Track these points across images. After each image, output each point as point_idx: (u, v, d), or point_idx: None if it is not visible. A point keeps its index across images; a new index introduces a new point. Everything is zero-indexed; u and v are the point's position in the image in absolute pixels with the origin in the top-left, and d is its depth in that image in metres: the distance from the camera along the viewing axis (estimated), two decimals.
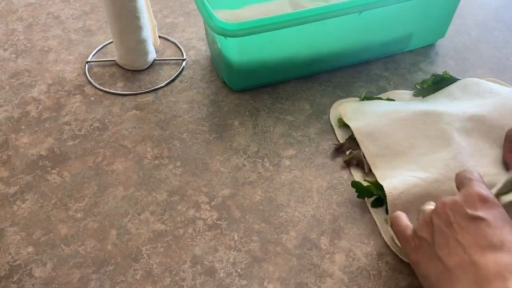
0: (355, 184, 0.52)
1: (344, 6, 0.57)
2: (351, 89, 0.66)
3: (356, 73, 0.69)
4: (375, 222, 0.51)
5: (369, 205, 0.52)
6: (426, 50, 0.72)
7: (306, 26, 0.58)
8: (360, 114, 0.59)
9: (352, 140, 0.58)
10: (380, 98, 0.63)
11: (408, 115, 0.57)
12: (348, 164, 0.56)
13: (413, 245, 0.41)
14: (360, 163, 0.55)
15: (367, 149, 0.55)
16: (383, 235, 0.49)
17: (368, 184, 0.52)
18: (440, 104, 0.60)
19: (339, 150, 0.58)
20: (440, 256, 0.37)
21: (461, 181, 0.41)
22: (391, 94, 0.64)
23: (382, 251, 0.49)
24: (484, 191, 0.39)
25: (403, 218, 0.44)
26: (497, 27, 0.77)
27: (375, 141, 0.55)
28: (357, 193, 0.52)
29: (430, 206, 0.42)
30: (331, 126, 0.61)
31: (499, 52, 0.72)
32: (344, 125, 0.60)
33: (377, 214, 0.51)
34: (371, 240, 0.50)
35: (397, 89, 0.66)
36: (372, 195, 0.52)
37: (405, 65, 0.70)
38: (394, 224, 0.44)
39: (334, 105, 0.63)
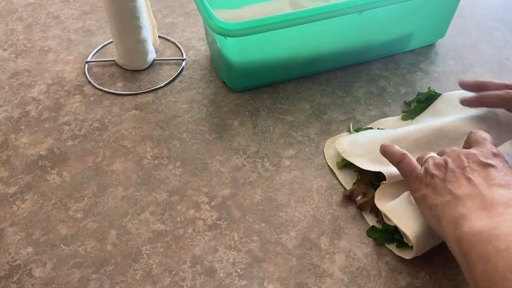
0: (372, 234, 0.49)
1: (344, 6, 0.57)
2: (351, 89, 0.66)
3: (356, 73, 0.69)
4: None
5: (394, 251, 0.48)
6: (426, 50, 0.72)
7: (306, 26, 0.58)
8: (359, 147, 0.55)
9: (360, 183, 0.53)
10: (370, 128, 0.59)
11: (411, 146, 0.54)
12: (361, 209, 0.52)
13: (424, 181, 0.44)
14: (375, 209, 0.50)
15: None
16: None
17: (388, 227, 0.49)
18: (433, 123, 0.57)
19: (350, 198, 0.53)
20: (450, 189, 0.42)
21: (476, 139, 0.46)
22: (379, 123, 0.61)
23: (382, 251, 0.49)
24: (496, 149, 0.44)
25: (413, 160, 0.47)
26: (497, 27, 0.77)
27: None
28: (375, 239, 0.49)
29: (430, 154, 0.47)
30: (328, 159, 0.57)
31: (499, 52, 0.72)
32: (344, 167, 0.55)
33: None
34: (371, 240, 0.49)
35: (397, 89, 0.66)
36: (394, 240, 0.48)
37: (405, 65, 0.70)
38: (404, 164, 0.47)
39: (326, 144, 0.59)
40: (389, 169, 0.51)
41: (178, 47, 0.73)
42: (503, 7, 0.81)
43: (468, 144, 0.47)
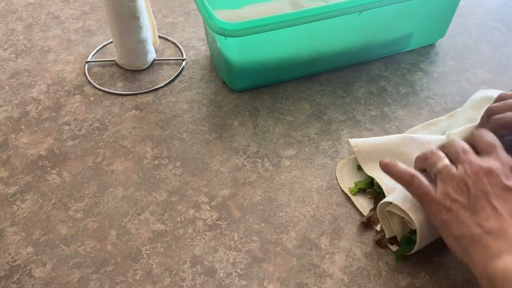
0: (400, 256, 0.48)
1: (344, 6, 0.57)
2: (351, 89, 0.66)
3: (356, 73, 0.69)
4: None
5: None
6: (426, 50, 0.72)
7: (306, 26, 0.58)
8: (372, 147, 0.54)
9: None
10: None
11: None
12: (380, 246, 0.49)
13: (443, 204, 0.41)
14: (395, 241, 0.49)
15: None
16: None
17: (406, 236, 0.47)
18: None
19: (367, 225, 0.51)
20: (477, 220, 0.39)
21: (486, 148, 0.43)
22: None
23: (382, 251, 0.49)
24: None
25: (423, 180, 0.43)
26: (497, 27, 0.77)
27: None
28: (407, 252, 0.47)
29: (442, 162, 0.43)
30: (337, 181, 0.55)
31: (499, 52, 0.72)
32: (359, 191, 0.53)
33: None
34: (371, 240, 0.49)
35: (397, 89, 0.66)
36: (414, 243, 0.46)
37: (405, 65, 0.70)
38: (416, 186, 0.43)
39: (338, 166, 0.56)
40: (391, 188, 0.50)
41: (178, 47, 0.73)
42: (503, 7, 0.81)
43: (475, 148, 0.43)
